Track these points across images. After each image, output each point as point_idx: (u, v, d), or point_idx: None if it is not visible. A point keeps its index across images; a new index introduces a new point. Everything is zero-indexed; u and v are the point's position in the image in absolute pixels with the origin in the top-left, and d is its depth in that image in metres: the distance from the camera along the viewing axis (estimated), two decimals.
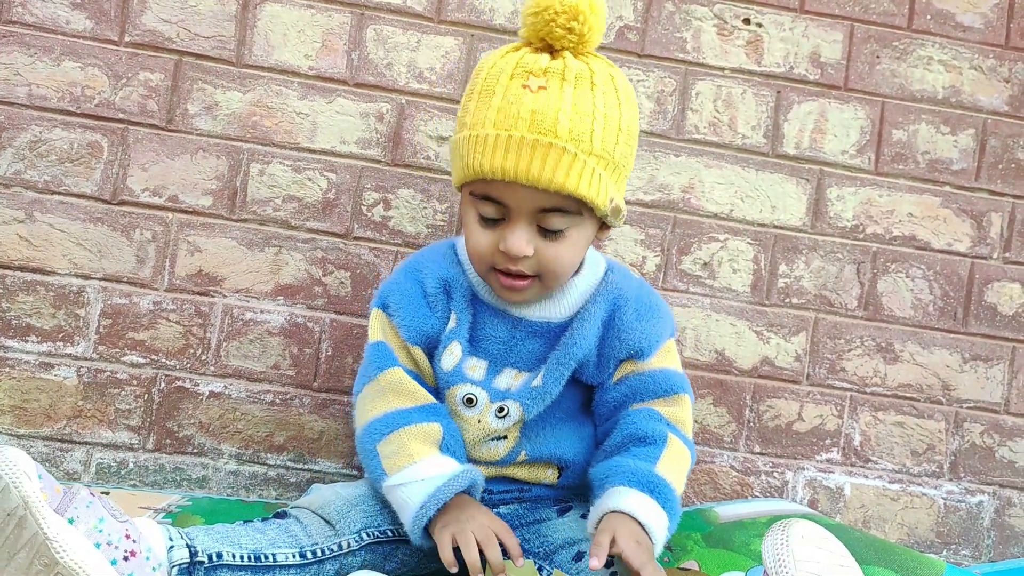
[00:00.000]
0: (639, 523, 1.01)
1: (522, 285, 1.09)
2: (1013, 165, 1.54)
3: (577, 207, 1.05)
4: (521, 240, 1.05)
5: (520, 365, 1.15)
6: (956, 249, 1.52)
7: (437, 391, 1.16)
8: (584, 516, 1.12)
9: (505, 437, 1.15)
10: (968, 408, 1.52)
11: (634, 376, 1.14)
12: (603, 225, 1.13)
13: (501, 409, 1.14)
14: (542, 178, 1.02)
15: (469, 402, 1.14)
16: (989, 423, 1.52)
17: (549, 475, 1.18)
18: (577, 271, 1.17)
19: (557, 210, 1.05)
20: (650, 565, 0.96)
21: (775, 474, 1.48)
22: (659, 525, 1.02)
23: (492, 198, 1.06)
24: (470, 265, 1.16)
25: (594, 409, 1.19)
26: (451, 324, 1.15)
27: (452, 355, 1.14)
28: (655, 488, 1.04)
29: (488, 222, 1.08)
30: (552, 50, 1.08)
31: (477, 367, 1.15)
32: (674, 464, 1.09)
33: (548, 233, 1.06)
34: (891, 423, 1.50)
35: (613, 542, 0.96)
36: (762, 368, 1.48)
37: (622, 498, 1.02)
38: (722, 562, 1.24)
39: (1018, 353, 1.53)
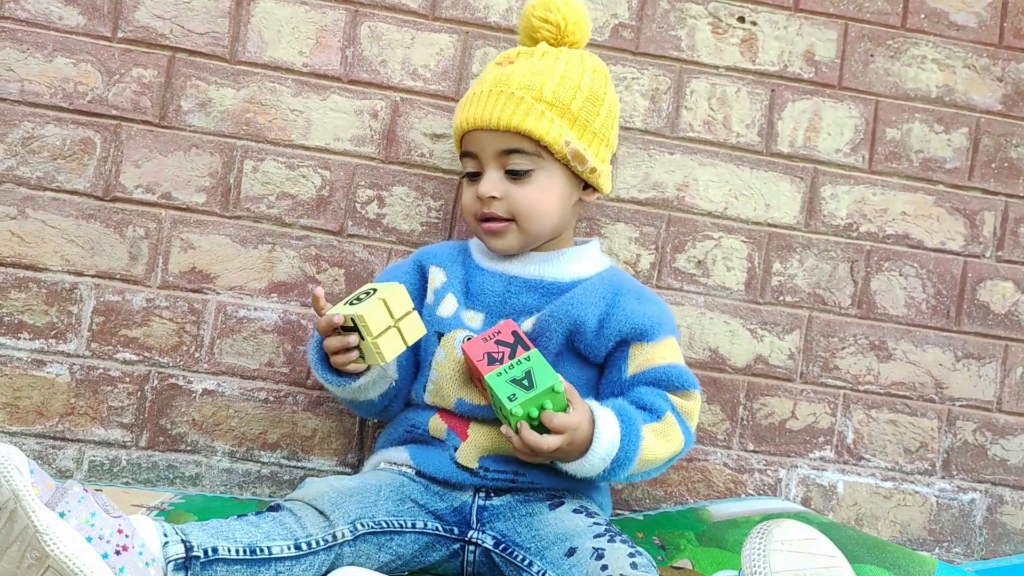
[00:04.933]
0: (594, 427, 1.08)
1: (500, 227, 1.20)
2: (1006, 164, 1.54)
3: (534, 148, 1.18)
4: (487, 183, 1.19)
5: (514, 316, 1.20)
6: (949, 248, 1.53)
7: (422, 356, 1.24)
8: (576, 511, 1.12)
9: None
10: (961, 406, 1.52)
11: (650, 370, 1.18)
12: (586, 187, 1.24)
13: None
14: (492, 119, 1.17)
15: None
16: (981, 421, 1.53)
17: None
18: (576, 243, 1.27)
19: (516, 151, 1.18)
20: (548, 437, 1.05)
21: (768, 472, 1.48)
22: (604, 443, 1.08)
23: (466, 152, 1.22)
24: (475, 248, 1.28)
25: (602, 394, 1.21)
26: (438, 280, 1.23)
27: (448, 304, 1.22)
28: (628, 428, 1.10)
29: (472, 178, 1.22)
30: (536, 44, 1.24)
31: (474, 318, 1.21)
32: (660, 437, 1.14)
33: (514, 176, 1.19)
34: (884, 421, 1.51)
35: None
36: (756, 366, 1.48)
37: (598, 406, 1.11)
38: (715, 561, 1.24)
39: (1010, 351, 1.53)
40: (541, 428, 1.07)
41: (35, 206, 1.36)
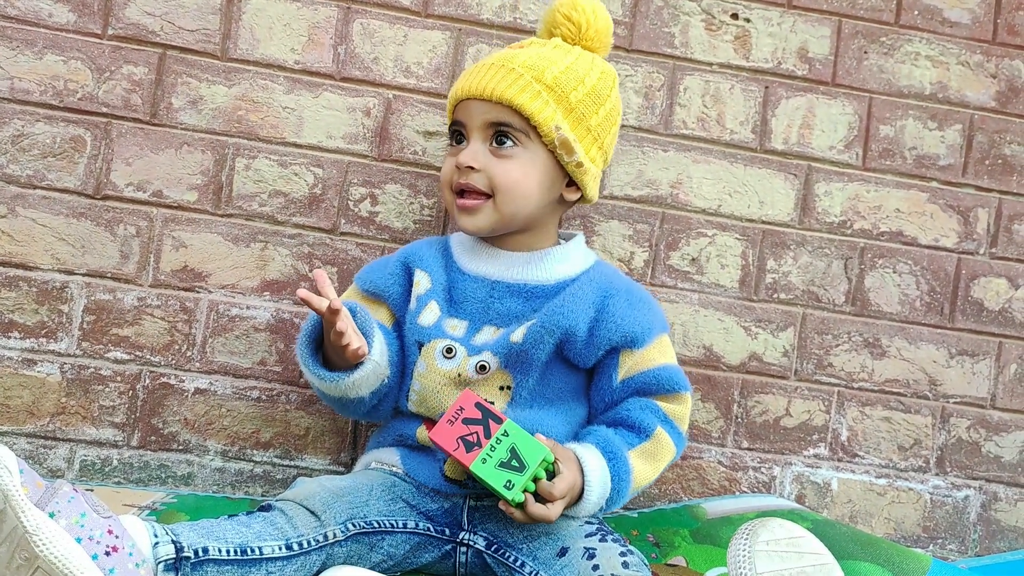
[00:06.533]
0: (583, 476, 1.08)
1: (474, 204, 1.17)
2: (1000, 161, 1.54)
3: (523, 126, 1.15)
4: (468, 152, 1.17)
5: (499, 322, 1.19)
6: (943, 244, 1.53)
7: (405, 353, 1.22)
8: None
9: (492, 404, 1.14)
10: (954, 403, 1.52)
11: (639, 375, 1.18)
12: (570, 184, 1.20)
13: (483, 367, 1.15)
14: (486, 89, 1.15)
15: (448, 352, 1.16)
16: (975, 418, 1.53)
17: None
18: (560, 241, 1.24)
19: (504, 124, 1.16)
20: (553, 505, 1.04)
21: (763, 469, 1.48)
22: (596, 489, 1.08)
23: (456, 122, 1.20)
24: (456, 248, 1.25)
25: (592, 401, 1.21)
26: (422, 286, 1.20)
27: (431, 312, 1.19)
28: (617, 465, 1.10)
29: (453, 148, 1.20)
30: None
31: (457, 327, 1.19)
32: (649, 457, 1.15)
33: (498, 150, 1.16)
34: (878, 418, 1.51)
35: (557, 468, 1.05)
36: (750, 364, 1.48)
37: (583, 448, 1.10)
38: (710, 558, 1.25)
39: (1004, 348, 1.53)
40: (536, 495, 1.04)
41: (25, 204, 1.35)
